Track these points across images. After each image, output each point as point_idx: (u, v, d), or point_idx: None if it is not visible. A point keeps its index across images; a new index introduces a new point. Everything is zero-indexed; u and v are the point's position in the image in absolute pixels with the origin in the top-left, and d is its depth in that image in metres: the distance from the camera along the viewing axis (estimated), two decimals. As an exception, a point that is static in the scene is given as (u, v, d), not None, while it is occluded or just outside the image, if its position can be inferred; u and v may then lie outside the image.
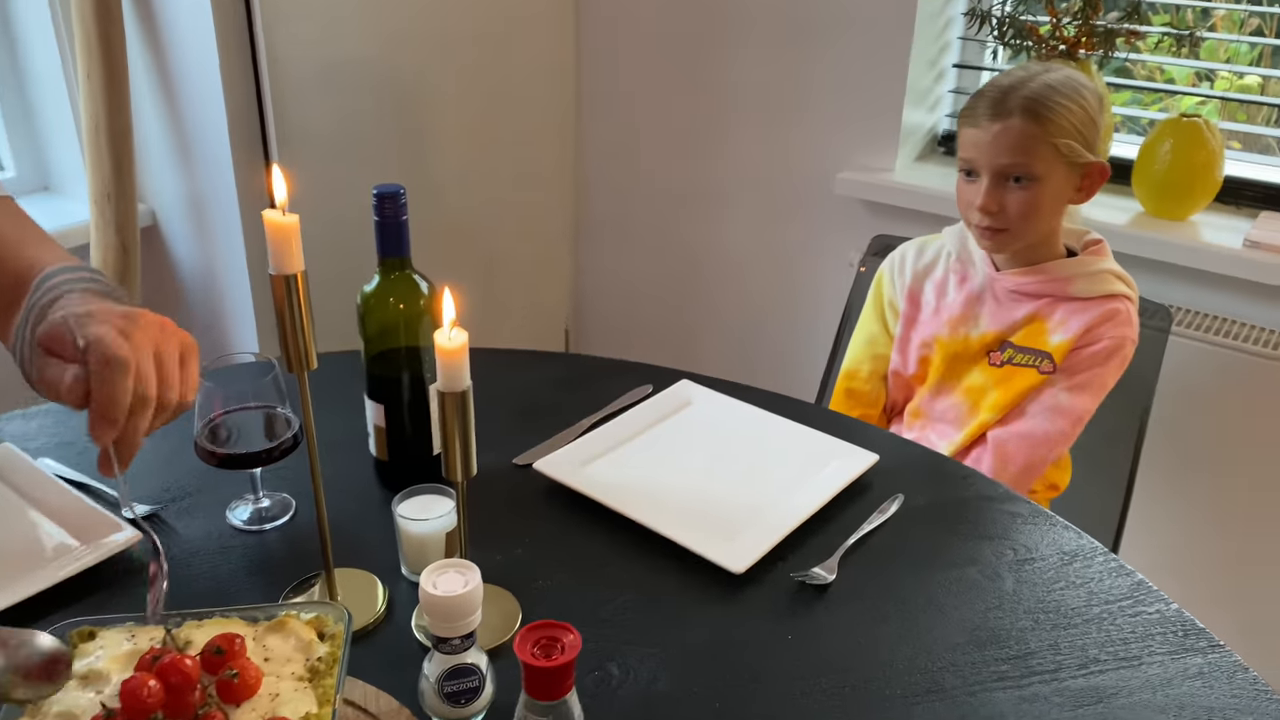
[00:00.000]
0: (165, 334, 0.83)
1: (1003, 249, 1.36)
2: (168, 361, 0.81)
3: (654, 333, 2.47)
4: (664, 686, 0.87)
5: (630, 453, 1.17)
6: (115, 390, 0.74)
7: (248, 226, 1.84)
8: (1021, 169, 1.30)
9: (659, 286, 2.42)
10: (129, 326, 0.79)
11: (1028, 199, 1.30)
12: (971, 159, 1.33)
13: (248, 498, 1.08)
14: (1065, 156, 1.30)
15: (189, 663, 0.67)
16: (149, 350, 0.80)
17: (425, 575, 0.78)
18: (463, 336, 0.81)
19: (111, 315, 0.80)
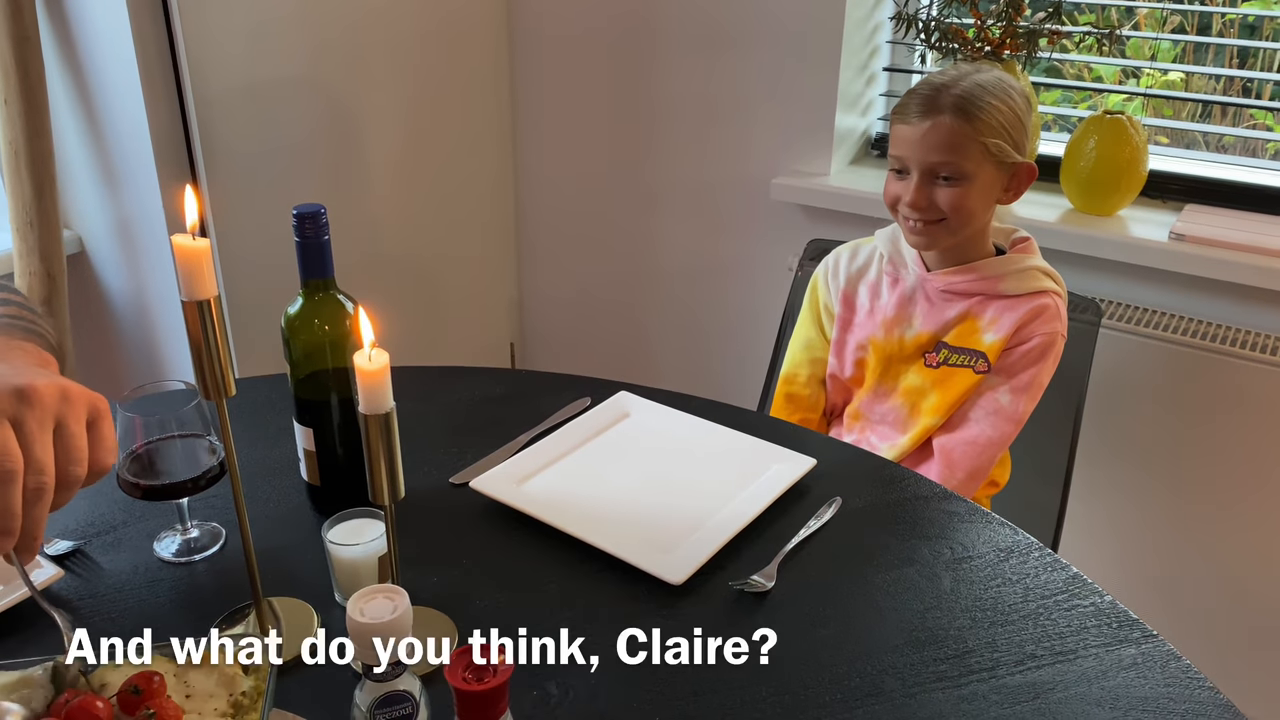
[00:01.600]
0: (68, 401, 0.74)
1: (933, 245, 1.37)
2: (71, 436, 0.73)
3: (599, 344, 2.47)
4: (604, 704, 0.86)
5: (568, 467, 1.16)
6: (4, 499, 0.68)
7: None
8: (951, 167, 1.31)
9: (602, 297, 2.42)
10: (20, 410, 0.71)
11: (956, 196, 1.32)
12: (902, 156, 1.35)
13: (176, 529, 1.05)
14: (994, 156, 1.31)
15: (100, 704, 0.64)
16: (46, 431, 0.72)
17: (352, 603, 0.77)
18: (383, 357, 0.79)
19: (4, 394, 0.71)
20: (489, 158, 2.36)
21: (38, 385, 0.72)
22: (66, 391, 0.75)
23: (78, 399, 0.75)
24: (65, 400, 0.74)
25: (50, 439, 0.72)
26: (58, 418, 0.73)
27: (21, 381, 0.72)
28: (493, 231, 2.43)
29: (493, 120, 2.33)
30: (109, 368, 2.02)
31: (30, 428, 0.71)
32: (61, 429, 0.73)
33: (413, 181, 2.17)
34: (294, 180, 1.92)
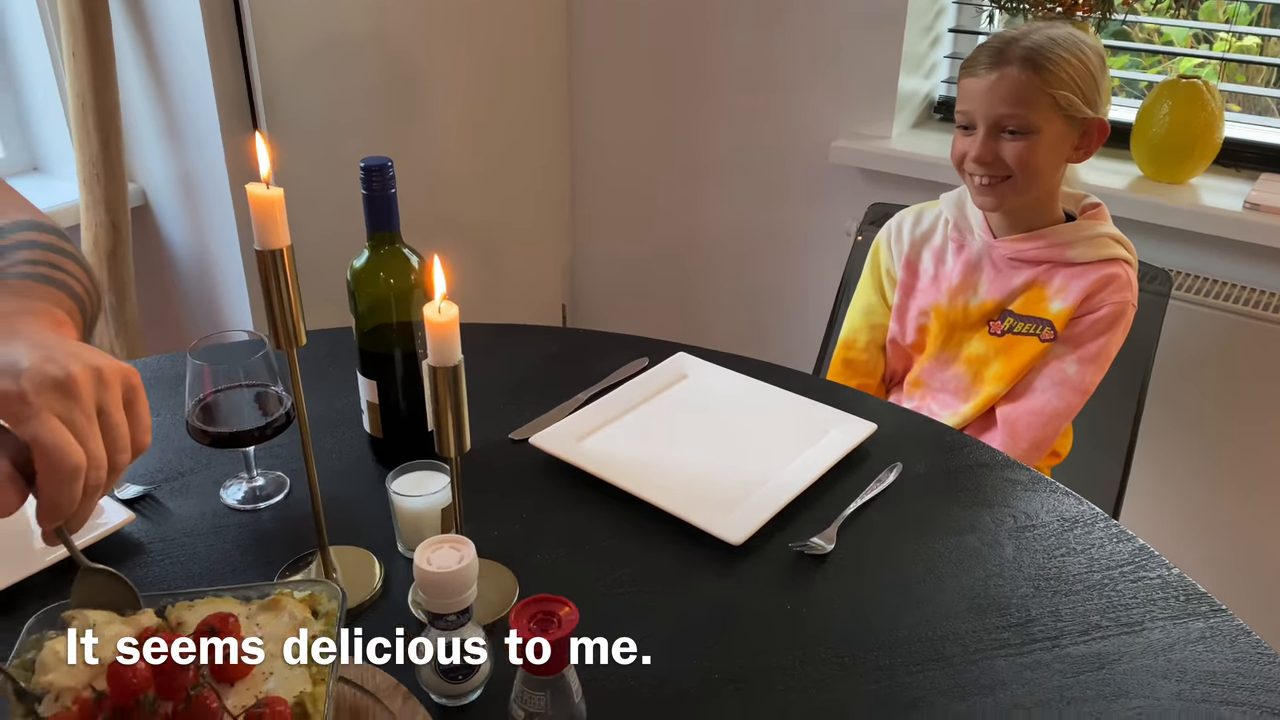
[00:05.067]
0: (104, 384, 0.72)
1: (1000, 204, 1.34)
2: (115, 425, 0.72)
3: (652, 307, 2.46)
4: (663, 658, 0.87)
5: (626, 425, 1.16)
6: (64, 495, 0.67)
7: (239, 203, 1.82)
8: (1017, 120, 1.28)
9: (655, 260, 2.41)
10: (66, 406, 0.69)
11: (1023, 151, 1.28)
12: (969, 110, 1.32)
13: (241, 477, 1.07)
14: (1063, 110, 1.28)
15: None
16: (94, 422, 0.70)
17: (419, 551, 0.78)
18: (453, 310, 0.79)
19: (45, 388, 0.68)
20: (546, 120, 2.35)
21: (75, 374, 0.70)
22: (101, 375, 0.72)
23: (113, 380, 0.73)
24: (102, 385, 0.72)
25: (98, 429, 0.70)
26: (98, 405, 0.71)
27: (59, 373, 0.69)
28: (548, 193, 2.43)
29: (550, 83, 2.32)
30: (171, 319, 2.06)
31: (80, 423, 0.69)
32: (104, 417, 0.71)
33: (470, 142, 2.17)
34: (353, 137, 1.92)
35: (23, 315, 0.78)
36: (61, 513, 0.67)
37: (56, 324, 0.79)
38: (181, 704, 0.64)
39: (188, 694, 0.65)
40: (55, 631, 0.71)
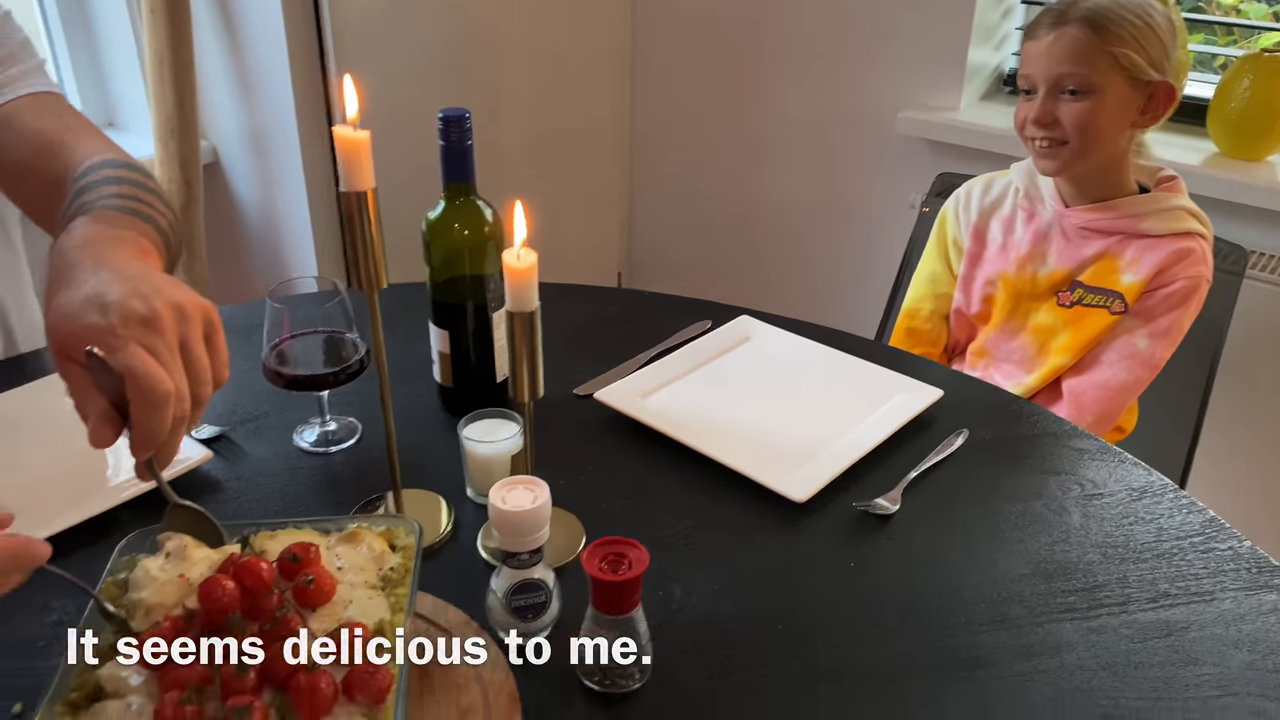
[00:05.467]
0: (187, 319, 0.74)
1: (1061, 169, 1.32)
2: (196, 358, 0.74)
3: (708, 274, 2.45)
4: (727, 609, 0.88)
5: (690, 385, 1.17)
6: (156, 423, 0.69)
7: (308, 159, 1.85)
8: (1077, 79, 1.26)
9: (714, 227, 2.40)
10: (151, 338, 0.71)
11: (1084, 111, 1.26)
12: (1030, 74, 1.30)
13: (314, 421, 1.09)
14: (1126, 70, 1.25)
15: (264, 566, 0.68)
16: (177, 357, 0.72)
17: (495, 491, 0.79)
18: (531, 257, 0.81)
19: (131, 321, 0.70)
20: (607, 81, 2.34)
21: (159, 310, 0.72)
22: (183, 310, 0.74)
23: (194, 315, 0.75)
24: (184, 320, 0.74)
25: (180, 364, 0.72)
26: (180, 339, 0.73)
27: (144, 309, 0.71)
28: (605, 156, 2.43)
29: (614, 44, 2.31)
30: (238, 274, 2.10)
31: (164, 357, 0.71)
32: (186, 351, 0.73)
33: (532, 101, 2.17)
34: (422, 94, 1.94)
35: (110, 244, 0.80)
36: (153, 442, 0.69)
37: (142, 253, 0.82)
38: (267, 624, 0.66)
39: (273, 616, 0.67)
40: (145, 554, 0.73)
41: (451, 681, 0.75)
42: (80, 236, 0.80)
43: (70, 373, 0.72)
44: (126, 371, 0.68)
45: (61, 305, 0.72)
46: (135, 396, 0.68)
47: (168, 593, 0.68)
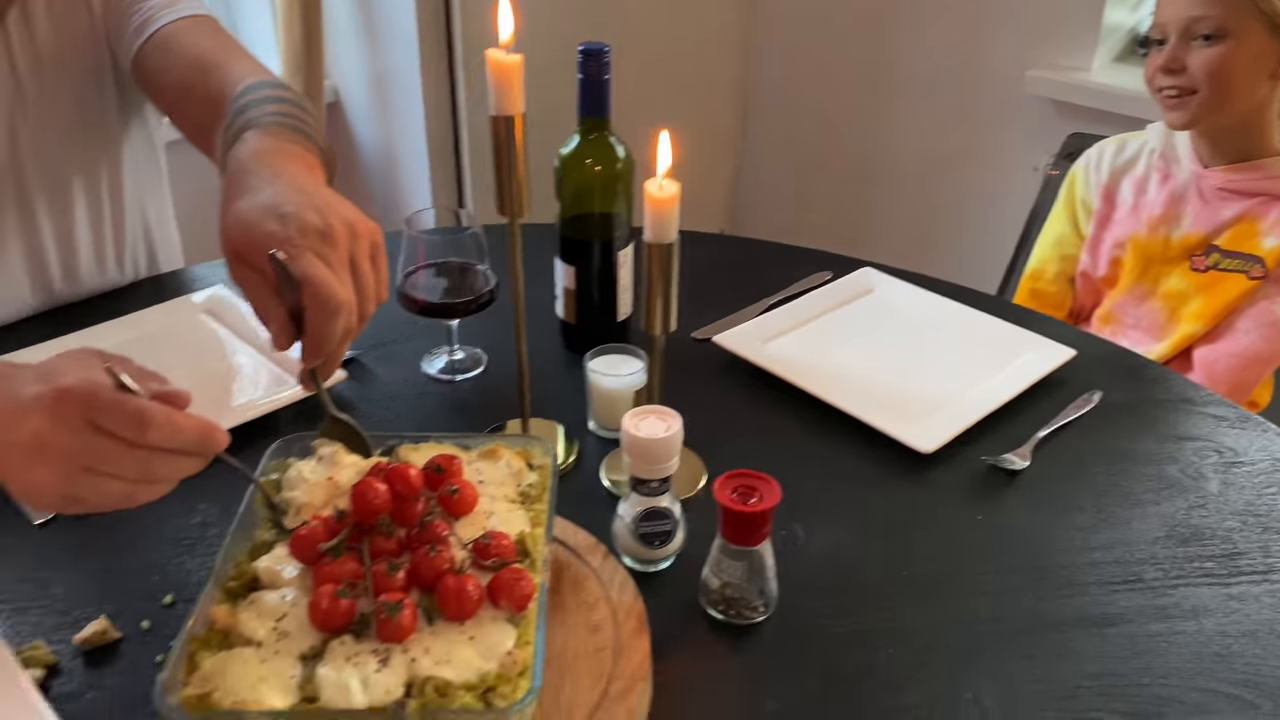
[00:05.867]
0: (357, 236, 0.76)
1: (1192, 121, 1.26)
2: (364, 275, 0.76)
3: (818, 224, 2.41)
4: (849, 553, 0.87)
5: (811, 334, 1.16)
6: (329, 330, 0.71)
7: (429, 104, 1.87)
8: (1210, 23, 1.20)
9: (827, 182, 2.36)
10: (325, 251, 0.73)
11: (1216, 58, 1.20)
12: (1162, 21, 1.25)
13: (442, 349, 1.12)
14: (1266, 16, 1.19)
15: (413, 472, 0.70)
16: (347, 272, 0.74)
17: (628, 418, 0.80)
18: (674, 187, 0.81)
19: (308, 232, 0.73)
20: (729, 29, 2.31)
21: (333, 224, 0.74)
22: (354, 227, 0.76)
23: (364, 234, 0.77)
24: (354, 237, 0.76)
25: (350, 279, 0.75)
26: (350, 255, 0.75)
27: (320, 222, 0.74)
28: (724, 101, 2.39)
29: None
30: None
31: (337, 270, 0.73)
32: (354, 266, 0.76)
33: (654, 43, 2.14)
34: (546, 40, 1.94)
35: (282, 156, 0.82)
36: (322, 351, 0.72)
37: (309, 167, 0.84)
38: (414, 529, 0.68)
39: (421, 520, 0.69)
40: (295, 458, 0.76)
41: (581, 600, 0.76)
42: (253, 148, 0.83)
43: (245, 278, 0.75)
44: (305, 279, 0.70)
45: (240, 212, 0.75)
46: (311, 304, 0.71)
47: (317, 494, 0.71)
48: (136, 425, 0.58)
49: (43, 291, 1.13)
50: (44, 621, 0.78)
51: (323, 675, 0.60)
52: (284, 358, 1.07)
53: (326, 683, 0.59)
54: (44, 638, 0.76)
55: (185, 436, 0.61)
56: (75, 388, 0.59)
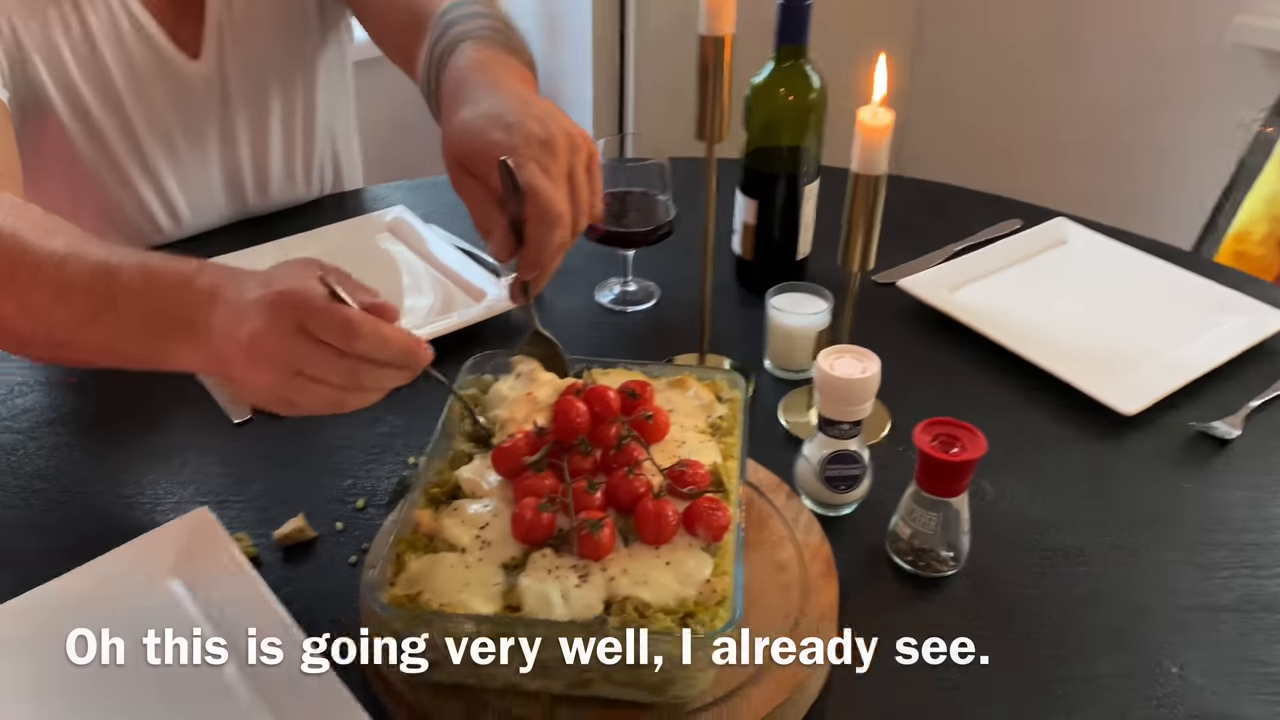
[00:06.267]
0: (576, 148, 0.75)
1: None
2: (580, 188, 0.75)
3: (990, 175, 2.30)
4: (1043, 513, 0.83)
5: (1001, 283, 1.11)
6: (548, 241, 0.71)
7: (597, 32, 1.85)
8: None
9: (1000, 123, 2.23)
10: (545, 160, 0.73)
11: None
12: None
13: (616, 280, 1.11)
14: None
15: (611, 394, 0.69)
16: (565, 184, 0.74)
17: (823, 357, 0.77)
18: (887, 116, 0.77)
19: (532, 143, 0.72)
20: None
21: (555, 135, 0.74)
22: (574, 139, 0.76)
23: (582, 146, 0.76)
24: (574, 149, 0.75)
25: (567, 191, 0.74)
26: (569, 167, 0.75)
27: (543, 132, 0.73)
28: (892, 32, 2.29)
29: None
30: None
31: (557, 181, 0.73)
32: (572, 180, 0.75)
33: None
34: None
35: (500, 67, 0.83)
36: (539, 262, 0.72)
37: (524, 80, 0.84)
38: (612, 450, 0.68)
39: (615, 444, 0.68)
40: (490, 374, 0.77)
41: (765, 537, 0.75)
42: (472, 58, 0.83)
43: (467, 187, 0.75)
44: (529, 189, 0.70)
45: (464, 121, 0.75)
46: (534, 214, 0.70)
47: (516, 409, 0.71)
48: (344, 334, 0.59)
49: (237, 201, 1.17)
50: (245, 516, 0.81)
51: (525, 586, 0.60)
52: (462, 279, 1.08)
53: (529, 593, 0.59)
54: (246, 531, 0.79)
55: (390, 349, 0.61)
56: (290, 292, 0.60)
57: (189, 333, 0.64)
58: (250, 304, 0.61)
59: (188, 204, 1.12)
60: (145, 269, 0.66)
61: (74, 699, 0.63)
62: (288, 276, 0.62)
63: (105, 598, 0.69)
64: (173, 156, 1.08)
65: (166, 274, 0.65)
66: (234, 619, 0.67)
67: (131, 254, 0.67)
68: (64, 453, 0.88)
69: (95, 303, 0.66)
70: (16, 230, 0.69)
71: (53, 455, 0.88)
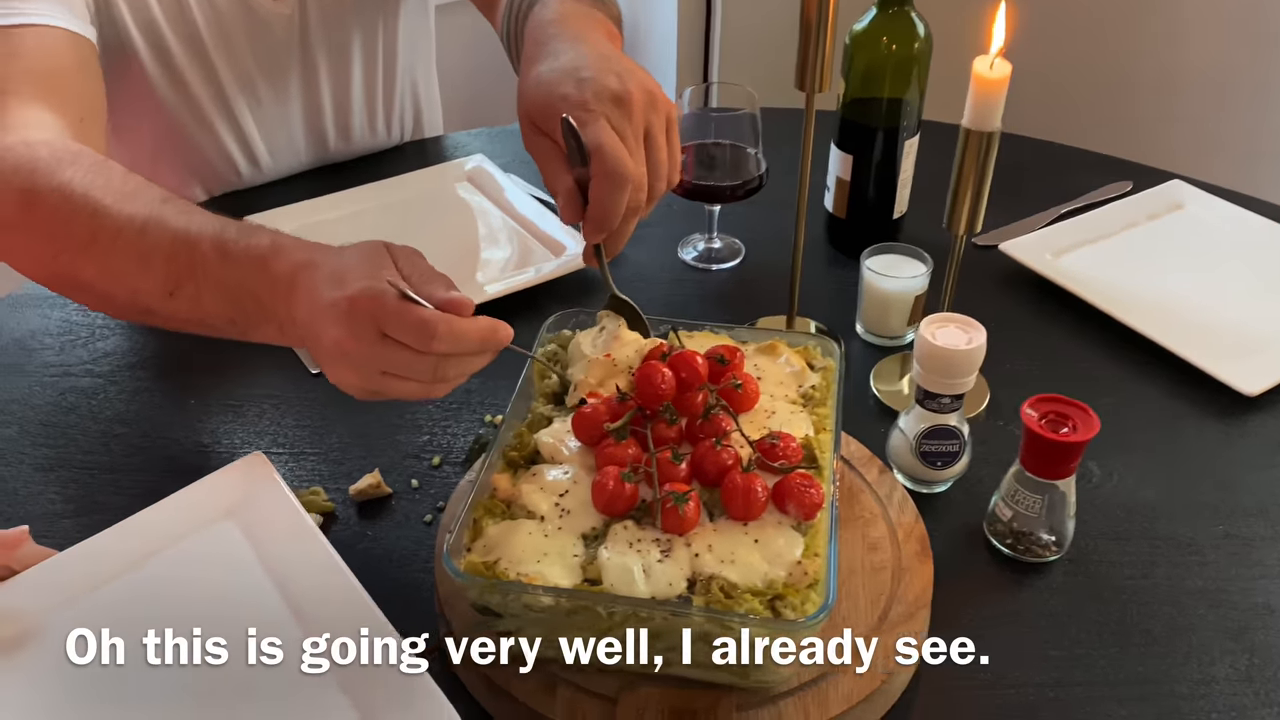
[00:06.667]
0: (655, 107, 0.71)
1: None
2: (658, 149, 0.71)
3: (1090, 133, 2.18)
4: (1153, 498, 0.78)
5: (1110, 250, 1.04)
6: (614, 204, 0.67)
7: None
8: None
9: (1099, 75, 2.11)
10: (618, 118, 0.69)
11: None
12: None
13: (700, 236, 1.07)
14: None
15: (699, 359, 0.66)
16: (640, 144, 0.70)
17: (924, 325, 0.73)
18: (1006, 68, 0.71)
19: (604, 98, 0.68)
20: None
21: (632, 92, 0.70)
22: (653, 98, 0.71)
23: (661, 105, 0.72)
24: (652, 108, 0.71)
25: (643, 152, 0.70)
26: (646, 127, 0.71)
27: (619, 87, 0.69)
28: None
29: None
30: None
31: (629, 141, 0.69)
32: (649, 139, 0.71)
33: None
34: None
35: (584, 20, 0.79)
36: (607, 225, 0.68)
37: (610, 36, 0.80)
38: (699, 419, 0.64)
39: (701, 413, 0.65)
40: (570, 331, 0.74)
41: (856, 513, 0.71)
42: (556, 11, 0.80)
43: (537, 144, 0.72)
44: (594, 147, 0.67)
45: (539, 75, 0.72)
46: (599, 173, 0.67)
47: (595, 371, 0.68)
48: (421, 336, 0.58)
49: (318, 146, 1.15)
50: (320, 469, 0.80)
51: (605, 559, 0.57)
52: (540, 231, 1.05)
53: (610, 566, 0.57)
54: (321, 484, 0.78)
55: (468, 342, 0.60)
56: (363, 300, 0.59)
57: (271, 319, 0.65)
58: (328, 308, 0.60)
59: (268, 149, 1.11)
60: (220, 245, 0.65)
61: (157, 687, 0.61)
62: (359, 273, 0.60)
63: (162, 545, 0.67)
64: (253, 100, 1.07)
65: (242, 254, 0.65)
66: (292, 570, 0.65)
67: (210, 222, 0.67)
68: (144, 397, 0.88)
69: (177, 272, 0.66)
70: (95, 193, 0.69)
71: (133, 400, 0.88)
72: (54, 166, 0.71)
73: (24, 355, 0.92)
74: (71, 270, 0.70)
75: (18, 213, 0.70)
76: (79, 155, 0.72)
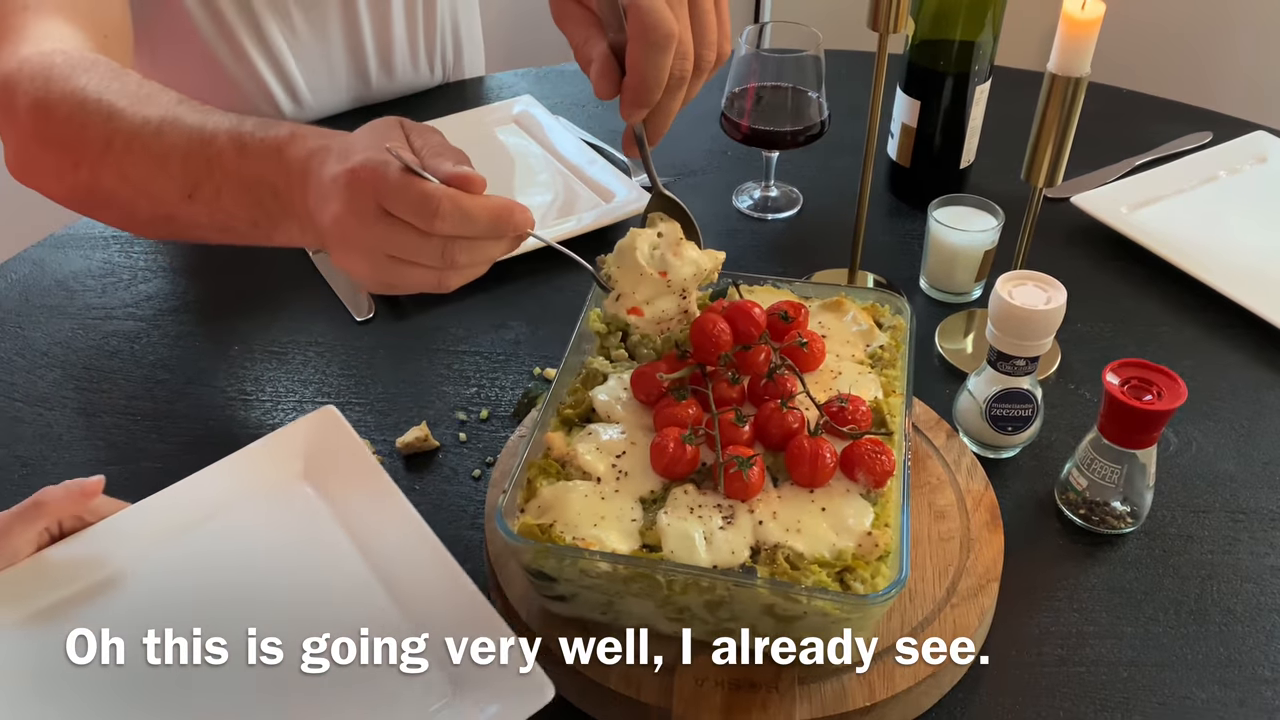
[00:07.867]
0: None
1: None
2: (705, 12, 0.63)
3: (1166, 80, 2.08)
4: (1234, 468, 0.74)
5: (1188, 204, 0.99)
6: (653, 70, 0.59)
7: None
8: None
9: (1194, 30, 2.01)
10: None
11: None
12: None
13: (756, 184, 1.03)
14: None
15: (757, 310, 0.62)
16: (684, 7, 0.61)
17: (1001, 283, 0.69)
18: (1099, 9, 0.66)
19: None
20: None
21: None
22: None
23: None
24: None
25: (687, 14, 0.62)
26: None
27: None
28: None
29: None
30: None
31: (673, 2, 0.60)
32: (695, 4, 0.63)
33: None
34: None
35: None
36: (648, 96, 0.61)
37: None
38: (763, 379, 0.61)
39: (770, 370, 0.62)
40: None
41: (923, 479, 0.68)
42: None
43: (568, 13, 0.65)
44: (631, 5, 0.59)
45: None
46: (635, 33, 0.59)
47: (644, 288, 0.64)
48: (423, 212, 0.53)
49: (360, 83, 1.12)
50: (366, 420, 0.78)
51: (665, 524, 0.55)
52: (587, 176, 1.01)
53: (670, 533, 0.54)
54: (367, 437, 0.76)
55: (476, 222, 0.54)
56: (362, 171, 0.54)
57: (291, 213, 0.60)
58: (329, 183, 0.56)
59: (308, 85, 1.08)
60: (237, 138, 0.62)
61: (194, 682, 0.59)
62: (364, 145, 0.56)
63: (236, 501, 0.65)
64: (290, 32, 1.03)
65: (259, 146, 0.61)
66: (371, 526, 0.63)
67: (226, 119, 0.63)
68: (187, 342, 0.86)
69: (195, 171, 0.63)
70: (110, 96, 0.66)
71: (176, 345, 0.86)
72: (68, 73, 0.68)
73: (66, 297, 0.90)
74: (92, 180, 0.68)
75: (34, 121, 0.68)
76: (95, 63, 0.70)
